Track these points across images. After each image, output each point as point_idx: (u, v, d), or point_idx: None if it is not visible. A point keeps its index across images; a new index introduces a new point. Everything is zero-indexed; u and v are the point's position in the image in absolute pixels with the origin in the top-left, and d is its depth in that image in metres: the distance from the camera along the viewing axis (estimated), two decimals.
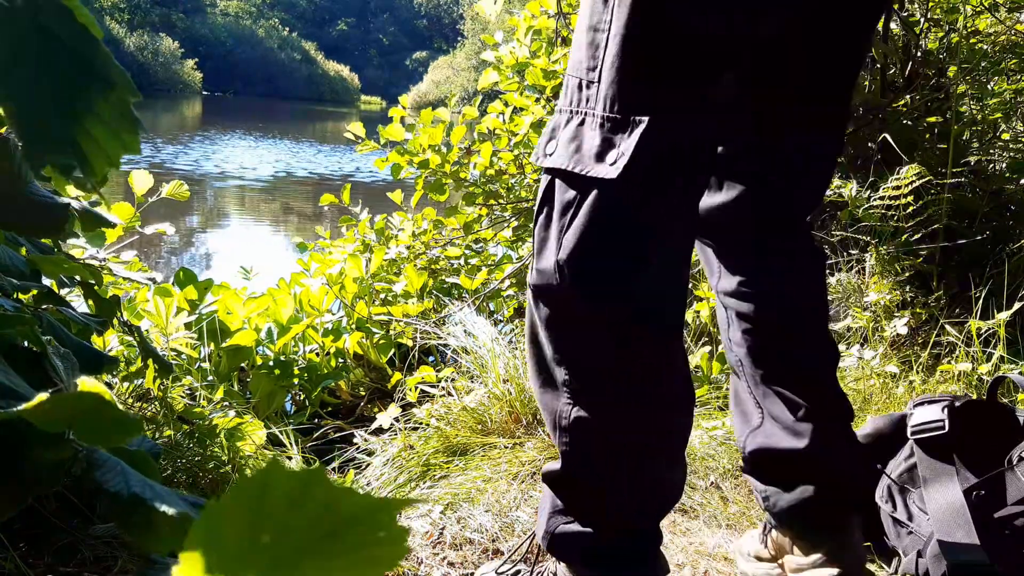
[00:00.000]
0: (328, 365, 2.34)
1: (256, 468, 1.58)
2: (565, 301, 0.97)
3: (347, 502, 0.28)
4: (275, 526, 0.27)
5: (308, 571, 0.27)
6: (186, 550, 0.26)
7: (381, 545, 0.28)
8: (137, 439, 0.67)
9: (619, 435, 1.01)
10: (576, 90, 0.96)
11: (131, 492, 0.51)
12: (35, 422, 0.48)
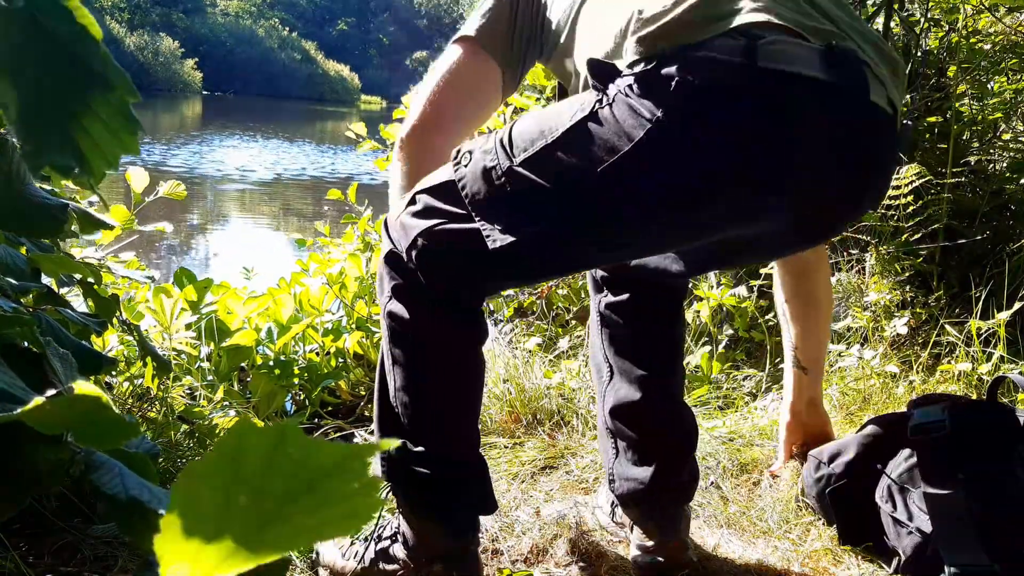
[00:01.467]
0: (328, 365, 2.33)
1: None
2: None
3: (320, 454, 0.28)
4: (252, 486, 0.27)
5: (287, 529, 0.27)
6: (167, 515, 0.26)
7: (357, 497, 0.27)
8: (136, 440, 0.67)
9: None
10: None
11: (129, 495, 0.51)
12: (34, 425, 0.48)
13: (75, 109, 0.47)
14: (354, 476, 0.28)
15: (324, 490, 0.27)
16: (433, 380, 1.20)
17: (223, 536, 0.27)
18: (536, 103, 2.99)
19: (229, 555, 0.27)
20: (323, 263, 2.83)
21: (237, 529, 0.27)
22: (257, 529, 0.27)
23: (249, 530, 0.27)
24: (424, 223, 1.11)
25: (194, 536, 0.26)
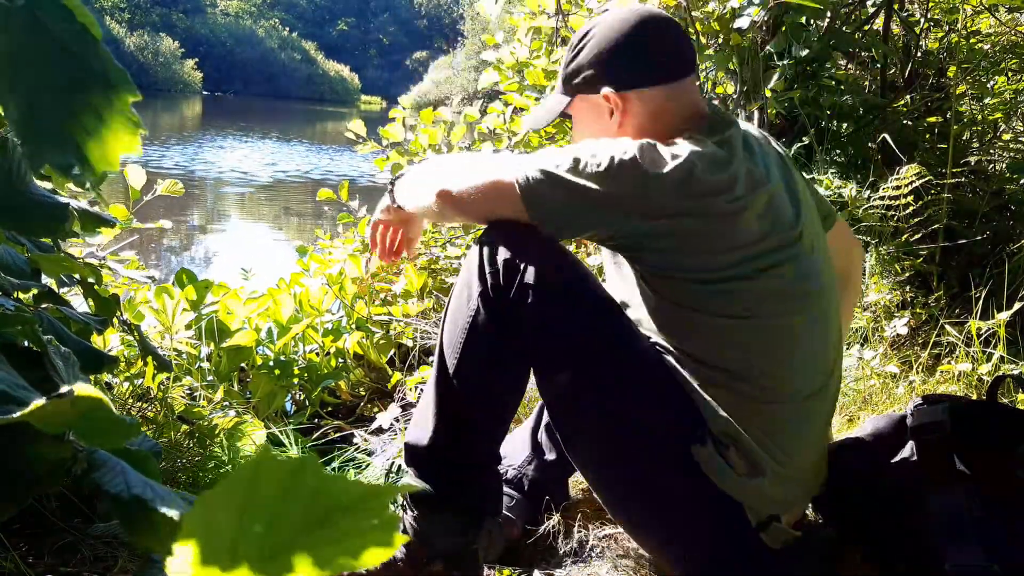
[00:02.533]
0: (328, 365, 2.33)
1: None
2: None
3: (338, 490, 0.28)
4: (267, 515, 0.27)
5: (301, 560, 0.27)
6: (180, 541, 0.26)
7: (373, 533, 0.27)
8: (137, 439, 0.67)
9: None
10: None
11: (132, 493, 0.51)
12: (36, 424, 0.48)
13: (76, 108, 0.47)
14: (372, 514, 0.28)
15: (340, 524, 0.27)
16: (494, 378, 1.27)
17: (236, 562, 0.26)
18: (536, 103, 2.99)
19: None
20: (323, 263, 2.83)
21: (250, 556, 0.27)
22: (270, 557, 0.27)
23: (262, 558, 0.27)
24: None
25: (208, 561, 0.26)
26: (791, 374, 1.22)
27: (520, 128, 2.99)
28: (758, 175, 1.19)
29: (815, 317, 1.24)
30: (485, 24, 40.11)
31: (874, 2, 2.96)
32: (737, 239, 1.16)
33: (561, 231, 1.22)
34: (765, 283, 1.18)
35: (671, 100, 1.28)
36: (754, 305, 1.18)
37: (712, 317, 1.18)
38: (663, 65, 1.28)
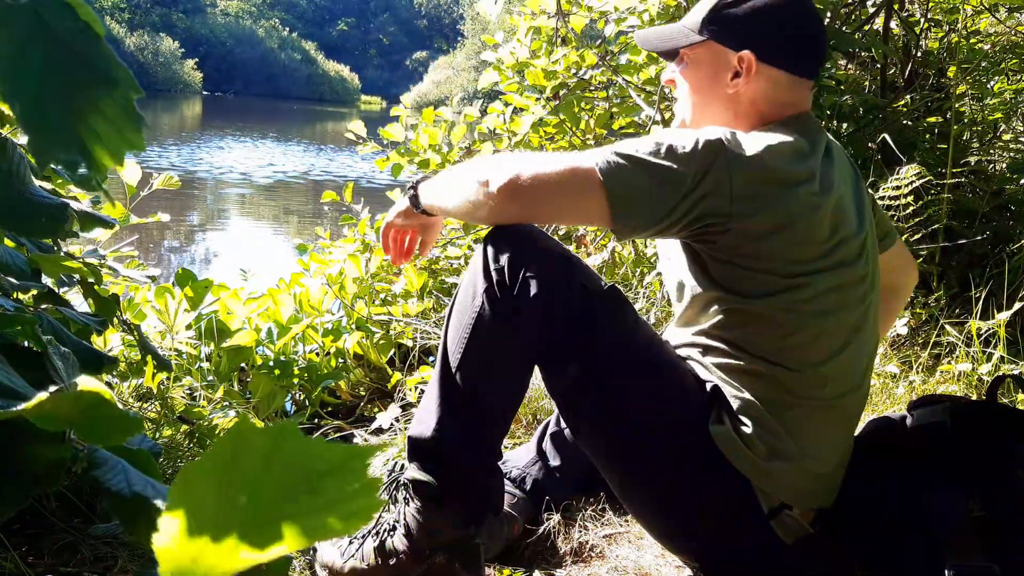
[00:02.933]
0: (328, 365, 2.33)
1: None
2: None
3: (319, 454, 0.27)
4: (250, 485, 0.27)
5: (286, 528, 0.27)
6: (165, 514, 0.26)
7: (356, 497, 0.27)
8: (138, 438, 0.67)
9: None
10: None
11: (133, 491, 0.51)
12: (35, 421, 0.48)
13: (80, 106, 0.47)
14: (354, 477, 0.27)
15: (323, 490, 0.27)
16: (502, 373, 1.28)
17: (222, 535, 0.26)
18: (536, 103, 2.99)
19: (229, 554, 0.27)
20: (323, 263, 2.83)
21: (236, 528, 0.26)
22: (256, 528, 0.27)
23: (248, 529, 0.27)
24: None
25: (193, 534, 0.26)
26: (832, 372, 1.23)
27: (520, 128, 2.99)
28: (830, 178, 1.21)
29: (861, 322, 1.26)
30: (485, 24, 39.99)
31: (874, 2, 2.96)
32: (812, 233, 1.17)
33: (642, 220, 1.16)
34: (827, 281, 1.19)
35: (790, 91, 1.28)
36: (813, 301, 1.19)
37: (770, 307, 1.19)
38: (805, 57, 1.28)
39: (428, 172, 1.39)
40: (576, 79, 2.95)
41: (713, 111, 1.31)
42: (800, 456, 1.22)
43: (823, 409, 1.24)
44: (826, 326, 1.22)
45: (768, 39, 1.26)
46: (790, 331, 1.20)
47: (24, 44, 0.46)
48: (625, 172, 1.14)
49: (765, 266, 1.18)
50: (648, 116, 2.86)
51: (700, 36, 1.30)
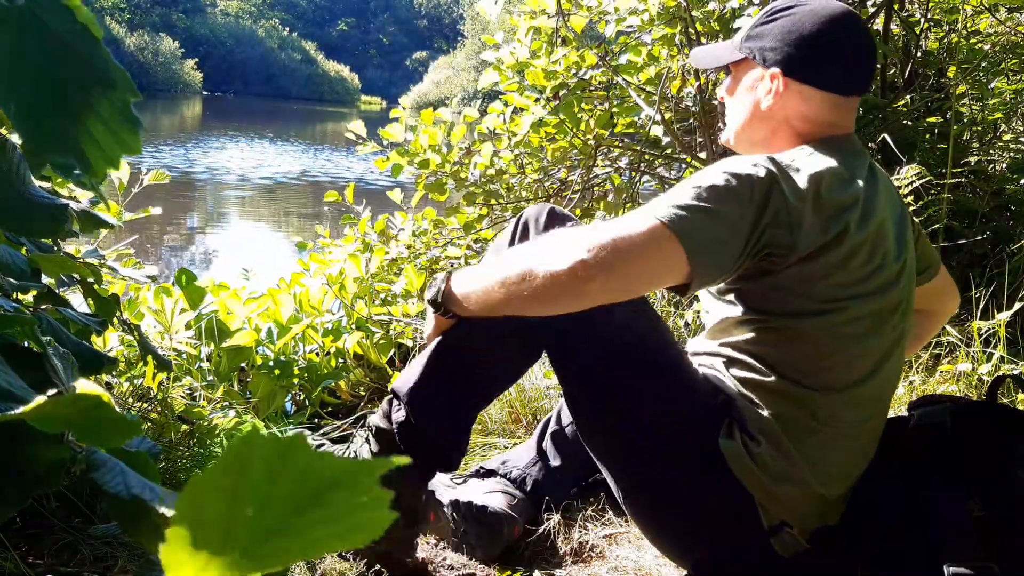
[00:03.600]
0: (328, 365, 2.33)
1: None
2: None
3: (328, 467, 0.27)
4: (258, 497, 0.27)
5: (293, 540, 0.27)
6: (172, 525, 0.26)
7: (364, 511, 0.27)
8: (137, 440, 0.67)
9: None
10: None
11: (132, 493, 0.51)
12: (35, 423, 0.48)
13: (76, 108, 0.47)
14: (362, 490, 0.27)
15: (331, 503, 0.27)
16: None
17: (229, 547, 0.26)
18: (536, 103, 2.99)
19: (234, 565, 0.27)
20: (323, 263, 2.83)
21: (243, 540, 0.26)
22: (263, 540, 0.27)
23: (255, 541, 0.27)
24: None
25: (200, 546, 0.26)
26: (858, 398, 1.22)
27: (520, 128, 2.98)
28: (873, 203, 1.19)
29: (891, 349, 1.25)
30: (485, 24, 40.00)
31: (874, 2, 2.96)
32: (853, 259, 1.15)
33: (719, 268, 1.11)
34: (864, 307, 1.18)
35: (828, 110, 1.25)
36: (850, 324, 1.18)
37: (807, 328, 1.18)
38: (840, 75, 1.24)
39: (440, 282, 1.26)
40: (576, 79, 2.95)
41: (752, 129, 1.30)
42: (812, 482, 1.21)
43: (845, 436, 1.23)
44: (859, 351, 1.20)
45: (796, 56, 1.23)
46: (824, 353, 1.19)
47: (20, 45, 0.46)
48: (693, 223, 1.06)
49: (805, 289, 1.16)
50: (648, 116, 2.86)
51: (739, 53, 1.30)
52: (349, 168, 12.61)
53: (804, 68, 1.23)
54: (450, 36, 69.59)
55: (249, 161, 13.01)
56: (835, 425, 1.22)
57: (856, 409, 1.23)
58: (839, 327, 1.18)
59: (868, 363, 1.22)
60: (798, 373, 1.20)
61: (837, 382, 1.20)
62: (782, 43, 1.24)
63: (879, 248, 1.19)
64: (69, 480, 1.32)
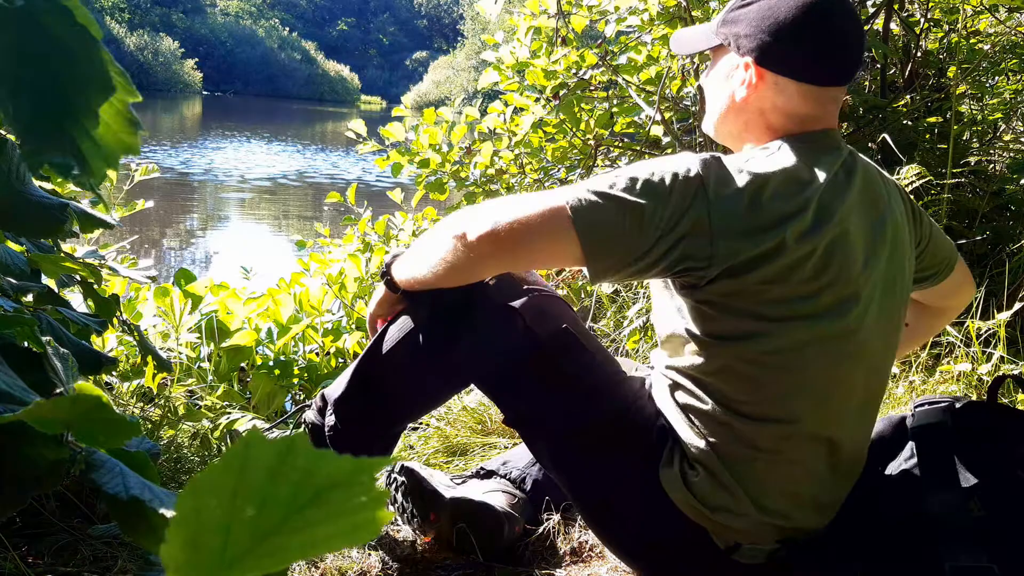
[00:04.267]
0: (328, 365, 2.33)
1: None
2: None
3: (327, 466, 0.28)
4: (258, 497, 0.27)
5: (292, 540, 0.27)
6: (173, 525, 0.26)
7: (363, 510, 0.27)
8: (136, 440, 0.67)
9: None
10: None
11: (130, 494, 0.51)
12: (35, 424, 0.48)
13: (75, 109, 0.47)
14: (361, 489, 0.27)
15: (330, 502, 0.27)
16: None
17: (229, 546, 0.27)
18: (536, 103, 2.99)
19: (234, 564, 0.27)
20: (323, 263, 2.83)
21: (243, 539, 0.27)
22: (262, 539, 0.27)
23: (255, 540, 0.27)
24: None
25: (200, 546, 0.26)
26: (811, 432, 1.14)
27: (520, 128, 2.99)
28: (832, 210, 1.09)
29: (850, 376, 1.16)
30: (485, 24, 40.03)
31: (874, 2, 2.96)
32: (790, 272, 1.07)
33: (615, 262, 1.09)
34: (799, 333, 1.10)
35: (805, 102, 1.16)
36: (780, 354, 1.10)
37: (735, 357, 1.12)
38: (816, 63, 1.15)
39: (396, 252, 1.33)
40: (576, 79, 2.95)
41: (728, 120, 1.23)
42: (758, 515, 1.15)
43: (792, 463, 1.15)
44: (797, 382, 1.12)
45: (769, 43, 1.14)
46: (756, 384, 1.12)
47: (20, 46, 0.46)
48: (598, 210, 1.06)
49: (738, 306, 1.09)
50: (648, 116, 2.86)
51: (716, 39, 1.22)
52: (349, 170, 12.61)
53: (779, 58, 1.14)
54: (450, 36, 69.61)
55: (249, 161, 13.01)
56: (781, 456, 1.14)
57: (810, 444, 1.15)
58: (766, 356, 1.10)
59: (813, 395, 1.13)
60: (735, 401, 1.13)
61: (774, 414, 1.12)
62: (756, 29, 1.15)
63: (832, 262, 1.09)
64: (69, 480, 1.32)
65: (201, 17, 54.80)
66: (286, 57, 55.70)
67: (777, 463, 1.15)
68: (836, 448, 1.18)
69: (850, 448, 1.21)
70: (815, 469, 1.18)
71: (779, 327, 1.09)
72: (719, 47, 1.23)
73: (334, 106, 47.13)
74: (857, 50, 1.18)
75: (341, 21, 76.53)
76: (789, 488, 1.17)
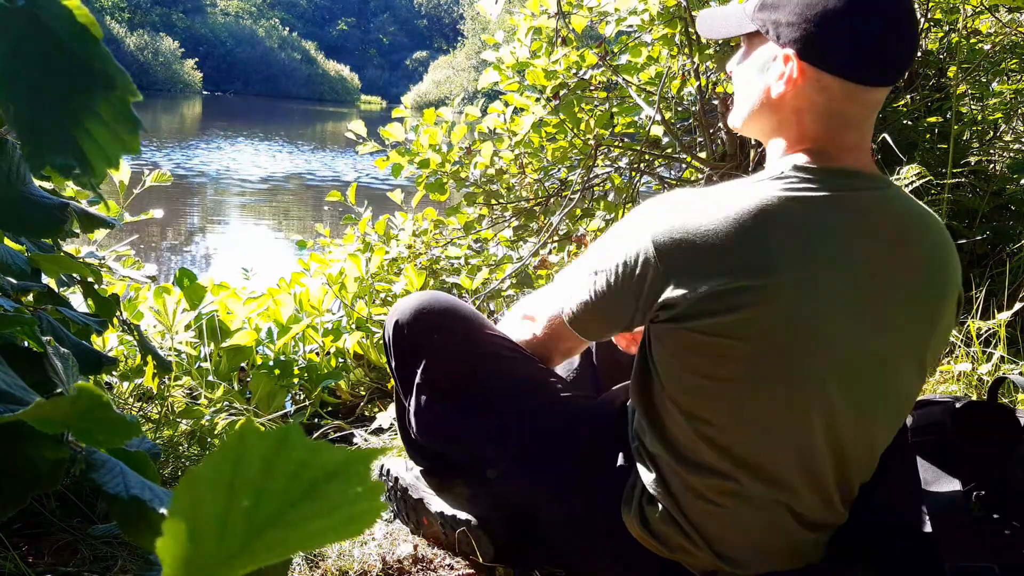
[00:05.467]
0: (328, 365, 2.33)
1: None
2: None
3: (322, 457, 0.28)
4: (253, 490, 0.27)
5: (288, 532, 0.27)
6: (169, 519, 0.26)
7: (359, 501, 0.27)
8: (136, 440, 0.67)
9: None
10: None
11: (131, 494, 0.51)
12: (35, 424, 0.48)
13: (76, 108, 0.47)
14: (357, 480, 0.27)
15: (326, 493, 0.27)
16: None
17: (225, 539, 0.26)
18: (536, 103, 2.99)
19: (231, 558, 0.27)
20: (323, 263, 2.83)
21: (239, 532, 0.27)
22: (258, 532, 0.27)
23: (251, 533, 0.27)
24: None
25: (196, 539, 0.26)
26: (753, 476, 1.08)
27: (520, 128, 2.99)
28: (793, 272, 0.99)
29: (796, 422, 1.07)
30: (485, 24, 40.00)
31: None
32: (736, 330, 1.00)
33: (608, 332, 1.23)
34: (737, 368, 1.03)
35: (845, 102, 1.04)
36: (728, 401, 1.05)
37: (676, 394, 1.09)
38: (864, 59, 1.02)
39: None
40: (576, 79, 2.95)
41: (760, 117, 1.12)
42: (714, 558, 1.12)
43: (751, 517, 1.10)
44: (734, 432, 1.07)
45: (815, 33, 1.01)
46: (693, 428, 1.08)
47: (20, 46, 0.46)
48: (584, 318, 1.17)
49: (670, 346, 1.07)
50: (648, 116, 2.85)
51: (752, 25, 1.09)
52: (349, 170, 12.61)
53: (825, 51, 1.02)
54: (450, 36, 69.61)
55: (248, 161, 13.01)
56: (734, 511, 1.09)
57: (763, 506, 1.09)
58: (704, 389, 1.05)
59: (753, 433, 1.06)
60: (674, 443, 1.10)
61: (719, 465, 1.08)
62: (801, 18, 1.02)
63: (790, 321, 1.00)
64: (69, 480, 1.32)
65: (201, 17, 54.79)
66: (286, 57, 55.70)
67: (736, 513, 1.10)
68: (800, 516, 1.12)
69: (821, 516, 1.15)
70: (779, 523, 1.11)
71: (724, 385, 1.05)
72: (754, 34, 1.10)
73: (334, 106, 47.13)
74: (910, 43, 1.05)
75: (341, 21, 76.53)
76: (751, 539, 1.12)
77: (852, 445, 1.12)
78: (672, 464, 1.11)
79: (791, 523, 1.12)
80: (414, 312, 1.38)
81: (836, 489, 1.14)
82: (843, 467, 1.14)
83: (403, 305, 1.40)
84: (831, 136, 1.06)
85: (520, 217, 3.17)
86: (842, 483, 1.16)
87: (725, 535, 1.12)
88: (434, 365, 1.36)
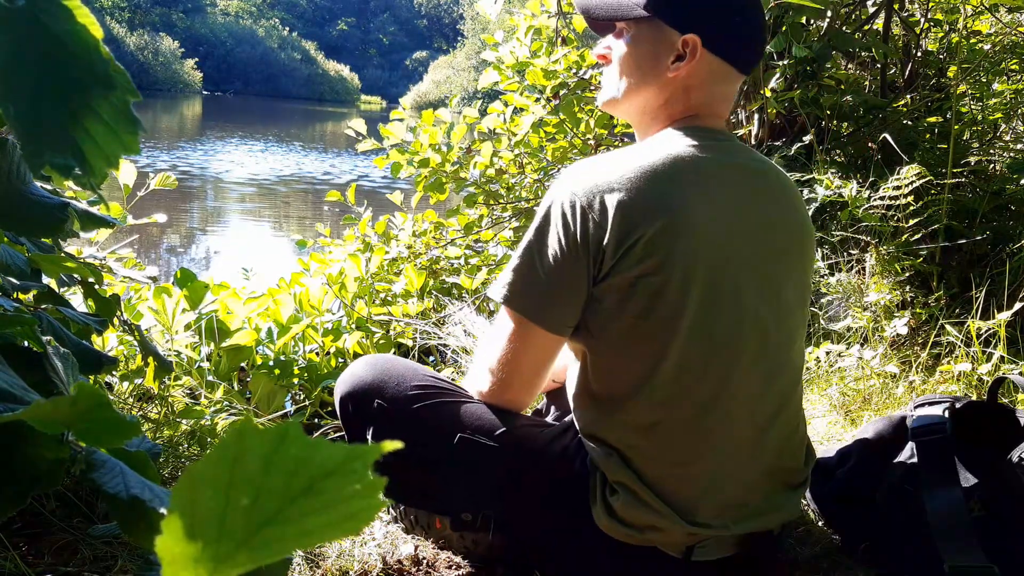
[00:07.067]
0: (328, 365, 2.33)
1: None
2: None
3: (321, 454, 0.27)
4: (252, 487, 0.27)
5: (287, 529, 0.27)
6: (168, 517, 0.26)
7: (357, 498, 0.27)
8: (137, 440, 0.67)
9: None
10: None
11: (130, 494, 0.51)
12: (35, 424, 0.48)
13: (75, 108, 0.47)
14: (355, 477, 0.27)
15: (324, 491, 0.27)
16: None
17: (224, 537, 0.26)
18: (536, 103, 2.99)
19: (230, 556, 0.27)
20: (323, 263, 2.83)
21: (238, 530, 0.27)
22: (257, 530, 0.27)
23: (250, 531, 0.27)
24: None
25: (195, 537, 0.26)
26: (671, 396, 1.13)
27: (520, 128, 2.99)
28: (688, 216, 1.09)
29: (684, 347, 1.12)
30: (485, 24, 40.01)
31: (874, 2, 2.97)
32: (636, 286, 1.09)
33: (576, 313, 1.15)
34: (638, 320, 1.11)
35: (722, 83, 1.20)
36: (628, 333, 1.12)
37: (603, 342, 1.15)
38: (745, 48, 1.20)
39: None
40: (576, 79, 2.95)
41: (646, 94, 1.21)
42: (686, 525, 1.13)
43: (688, 435, 1.13)
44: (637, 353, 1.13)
45: (716, 23, 1.17)
46: (622, 362, 1.15)
47: (20, 46, 0.46)
48: (532, 298, 1.15)
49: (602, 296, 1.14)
50: None
51: (645, 12, 1.19)
52: (349, 171, 12.61)
53: (721, 38, 1.17)
54: (450, 36, 69.63)
55: (248, 161, 13.01)
56: (664, 430, 1.13)
57: (703, 416, 1.13)
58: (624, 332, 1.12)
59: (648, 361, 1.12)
60: (601, 384, 1.16)
61: (624, 387, 1.14)
62: (702, 8, 1.18)
63: (661, 248, 1.08)
64: (69, 480, 1.32)
65: (201, 17, 54.81)
66: (286, 57, 55.72)
67: (668, 440, 1.13)
68: (741, 410, 1.15)
69: (774, 436, 1.18)
70: (732, 467, 1.15)
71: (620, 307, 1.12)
72: (644, 20, 1.20)
73: (334, 106, 47.13)
74: (765, 38, 1.28)
75: (341, 21, 76.54)
76: (714, 491, 1.15)
77: (764, 356, 1.17)
78: (627, 432, 1.14)
79: (747, 466, 1.17)
80: (352, 384, 1.34)
81: (767, 419, 1.18)
82: (763, 380, 1.18)
83: (344, 378, 1.36)
84: (711, 109, 1.21)
85: (520, 217, 3.17)
86: (762, 403, 1.17)
87: (687, 492, 1.13)
88: (382, 432, 1.31)
